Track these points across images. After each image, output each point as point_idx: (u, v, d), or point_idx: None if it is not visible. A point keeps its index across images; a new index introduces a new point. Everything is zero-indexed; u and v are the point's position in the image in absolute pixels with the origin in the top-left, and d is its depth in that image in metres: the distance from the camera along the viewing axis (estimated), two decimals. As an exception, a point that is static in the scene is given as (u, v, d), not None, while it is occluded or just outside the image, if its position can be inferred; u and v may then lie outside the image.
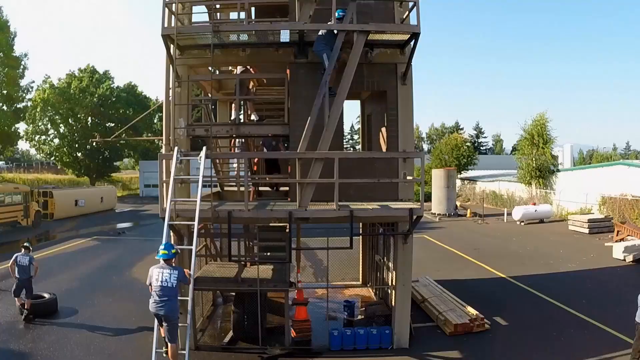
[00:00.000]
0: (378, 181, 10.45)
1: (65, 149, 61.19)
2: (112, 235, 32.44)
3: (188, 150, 11.63)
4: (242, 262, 13.45)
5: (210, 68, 12.92)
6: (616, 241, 26.38)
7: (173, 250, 9.67)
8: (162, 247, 9.68)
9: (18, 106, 51.33)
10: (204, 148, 9.98)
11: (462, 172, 57.01)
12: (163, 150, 11.24)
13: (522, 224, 35.25)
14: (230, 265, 13.32)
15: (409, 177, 11.36)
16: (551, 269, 21.58)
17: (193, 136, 11.71)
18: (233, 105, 12.32)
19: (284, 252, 11.72)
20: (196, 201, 9.70)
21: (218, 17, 14.21)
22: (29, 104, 56.15)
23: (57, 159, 63.24)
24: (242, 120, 12.70)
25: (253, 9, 14.03)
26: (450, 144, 57.30)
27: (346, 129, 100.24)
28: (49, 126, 62.00)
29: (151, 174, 60.13)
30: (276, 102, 14.52)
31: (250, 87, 13.98)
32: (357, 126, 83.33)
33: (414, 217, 10.60)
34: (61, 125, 61.57)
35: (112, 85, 63.86)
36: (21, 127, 58.91)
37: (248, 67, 12.94)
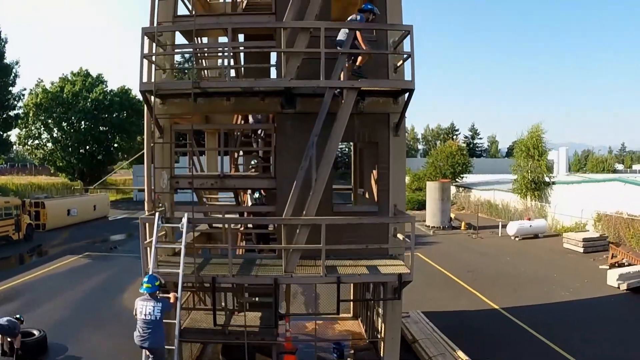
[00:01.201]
0: (367, 247, 10.18)
1: (58, 153, 60.70)
2: (104, 251, 32.14)
3: (172, 202, 11.42)
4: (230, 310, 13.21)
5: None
6: (611, 264, 26.25)
7: (157, 283, 9.40)
8: (145, 279, 9.44)
9: (10, 113, 50.86)
10: (186, 215, 9.67)
11: (457, 179, 56.89)
12: (145, 208, 10.96)
13: (517, 239, 35.07)
14: (218, 312, 13.08)
15: (399, 235, 11.07)
16: (545, 297, 21.38)
17: (177, 188, 11.43)
18: (218, 157, 12.01)
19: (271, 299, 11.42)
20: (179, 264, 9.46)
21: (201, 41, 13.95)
22: (21, 111, 55.70)
23: (50, 163, 62.75)
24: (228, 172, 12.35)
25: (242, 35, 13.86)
26: (445, 151, 57.12)
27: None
28: (42, 130, 61.47)
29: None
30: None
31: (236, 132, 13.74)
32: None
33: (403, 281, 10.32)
34: (54, 129, 61.04)
35: (105, 89, 63.32)
36: (14, 131, 58.61)
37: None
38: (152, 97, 10.15)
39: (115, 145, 65.92)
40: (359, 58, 10.24)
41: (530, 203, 41.78)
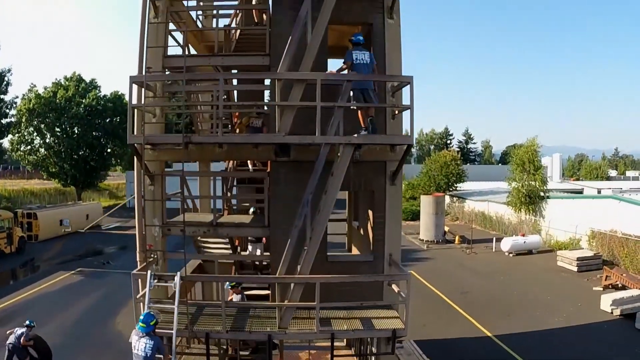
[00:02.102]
0: (362, 304, 10.10)
1: (51, 159, 60.23)
2: (97, 267, 31.88)
3: (164, 249, 11.30)
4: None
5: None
6: (604, 286, 26.28)
7: (152, 322, 9.33)
8: (141, 317, 9.39)
9: (2, 122, 50.43)
10: (178, 274, 9.54)
11: (451, 189, 56.90)
12: (138, 261, 10.83)
13: (511, 255, 35.06)
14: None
15: (394, 287, 10.96)
16: (537, 323, 21.35)
17: (169, 235, 11.31)
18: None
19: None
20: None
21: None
22: (14, 119, 55.24)
23: (42, 169, 62.22)
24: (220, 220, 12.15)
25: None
26: (439, 161, 57.08)
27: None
28: (34, 136, 60.95)
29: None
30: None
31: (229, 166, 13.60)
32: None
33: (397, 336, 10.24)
34: (47, 134, 60.53)
35: (98, 94, 62.80)
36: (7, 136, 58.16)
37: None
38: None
39: (109, 150, 65.38)
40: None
41: (525, 217, 41.77)
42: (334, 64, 15.83)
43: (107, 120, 62.67)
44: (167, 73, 11.13)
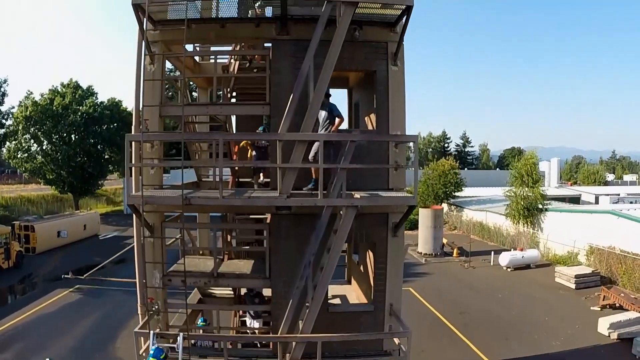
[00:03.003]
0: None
1: (49, 166, 60.03)
2: (95, 283, 31.77)
3: (165, 299, 11.30)
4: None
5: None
6: (602, 306, 26.37)
7: (162, 356, 9.48)
8: (151, 351, 9.50)
9: (-1, 131, 50.35)
10: (181, 334, 9.53)
11: (449, 198, 56.95)
12: (139, 314, 10.82)
13: (509, 269, 35.14)
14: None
15: (395, 340, 10.97)
16: (535, 348, 21.48)
17: (169, 286, 11.28)
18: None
19: None
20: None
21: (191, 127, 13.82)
22: (11, 128, 55.13)
23: (40, 176, 62.02)
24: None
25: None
26: (438, 169, 57.10)
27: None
28: (31, 143, 60.78)
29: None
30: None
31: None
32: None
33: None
34: (44, 142, 60.38)
35: (95, 101, 62.67)
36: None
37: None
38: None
39: (106, 157, 65.19)
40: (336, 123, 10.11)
41: (523, 229, 41.84)
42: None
43: (104, 127, 62.52)
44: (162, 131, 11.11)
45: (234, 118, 16.24)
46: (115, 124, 63.01)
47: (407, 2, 9.98)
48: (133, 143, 10.21)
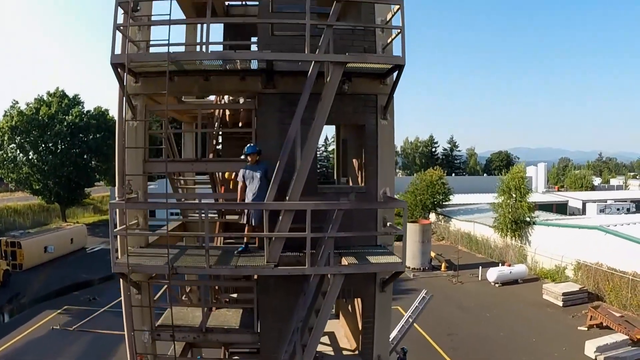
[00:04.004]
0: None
1: (36, 176, 59.55)
2: (83, 304, 31.58)
3: (155, 352, 11.24)
4: None
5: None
6: (589, 326, 26.60)
7: None
8: None
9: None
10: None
11: (437, 208, 57.18)
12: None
13: (497, 285, 35.33)
14: None
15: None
16: (523, 372, 21.65)
17: (159, 340, 11.23)
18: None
19: None
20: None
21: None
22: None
23: (26, 187, 61.52)
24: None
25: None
26: (425, 180, 57.23)
27: (320, 140, 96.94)
28: (17, 153, 60.29)
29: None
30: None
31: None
32: (332, 136, 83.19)
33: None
34: (30, 152, 59.92)
35: (82, 110, 62.24)
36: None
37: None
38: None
39: (93, 165, 64.75)
40: None
41: (511, 242, 42.09)
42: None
43: (91, 137, 62.16)
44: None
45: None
46: (101, 133, 62.64)
47: (398, 62, 9.89)
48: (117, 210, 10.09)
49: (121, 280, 10.59)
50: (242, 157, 10.24)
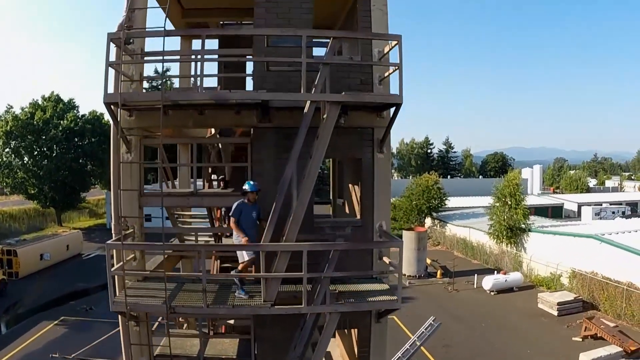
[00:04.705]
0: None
1: (31, 181, 59.38)
2: (80, 314, 31.57)
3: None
4: None
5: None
6: (583, 337, 26.77)
7: None
8: None
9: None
10: None
11: (433, 213, 57.33)
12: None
13: (493, 293, 35.49)
14: None
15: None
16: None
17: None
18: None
19: None
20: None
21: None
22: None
23: (21, 192, 61.36)
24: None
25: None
26: (421, 185, 57.32)
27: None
28: (12, 157, 60.14)
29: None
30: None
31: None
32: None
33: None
34: (25, 156, 59.79)
35: (77, 115, 62.14)
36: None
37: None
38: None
39: (88, 169, 64.64)
40: None
41: (506, 248, 42.25)
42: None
43: (86, 142, 62.06)
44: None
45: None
46: (96, 138, 62.50)
47: (396, 100, 9.93)
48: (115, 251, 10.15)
49: (119, 316, 10.67)
50: (242, 192, 10.22)
